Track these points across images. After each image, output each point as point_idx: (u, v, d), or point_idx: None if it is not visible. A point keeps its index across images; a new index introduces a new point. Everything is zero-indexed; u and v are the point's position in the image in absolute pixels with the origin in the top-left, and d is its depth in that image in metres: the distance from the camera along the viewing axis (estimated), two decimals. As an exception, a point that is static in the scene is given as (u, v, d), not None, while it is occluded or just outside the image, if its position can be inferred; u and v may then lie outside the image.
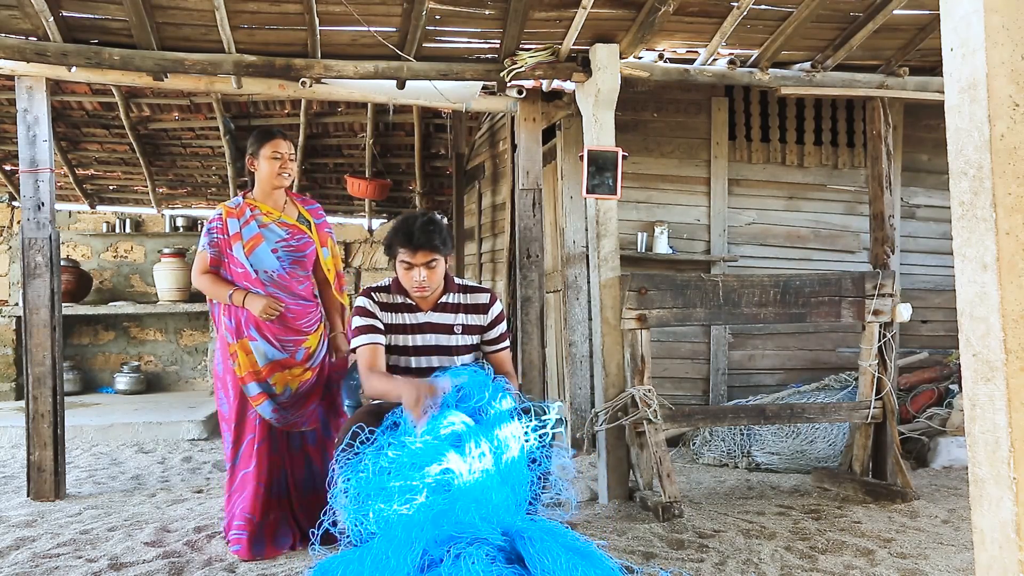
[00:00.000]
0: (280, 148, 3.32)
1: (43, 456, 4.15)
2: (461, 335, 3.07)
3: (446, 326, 3.06)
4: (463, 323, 3.07)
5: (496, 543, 2.24)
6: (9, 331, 7.84)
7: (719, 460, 4.96)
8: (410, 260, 2.90)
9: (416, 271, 2.91)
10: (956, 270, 1.49)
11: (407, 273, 2.93)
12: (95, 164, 7.69)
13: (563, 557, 2.19)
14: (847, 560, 3.06)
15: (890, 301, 4.16)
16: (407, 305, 3.05)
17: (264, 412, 3.24)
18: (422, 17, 3.84)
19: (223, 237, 3.29)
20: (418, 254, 2.88)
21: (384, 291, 3.08)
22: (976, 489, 1.46)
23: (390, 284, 3.08)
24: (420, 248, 2.87)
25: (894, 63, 4.57)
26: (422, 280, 2.92)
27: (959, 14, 1.44)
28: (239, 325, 3.26)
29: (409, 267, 2.91)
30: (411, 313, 3.05)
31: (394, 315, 3.04)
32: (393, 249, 2.95)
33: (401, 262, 2.93)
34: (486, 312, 3.10)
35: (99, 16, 3.87)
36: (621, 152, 4.13)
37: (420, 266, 2.90)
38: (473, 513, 2.26)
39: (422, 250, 2.88)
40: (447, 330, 3.06)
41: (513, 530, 2.29)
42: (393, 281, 3.08)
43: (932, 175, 6.04)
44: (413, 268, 2.91)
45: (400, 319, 3.04)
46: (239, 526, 3.19)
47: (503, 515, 2.33)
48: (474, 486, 2.36)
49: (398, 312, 3.04)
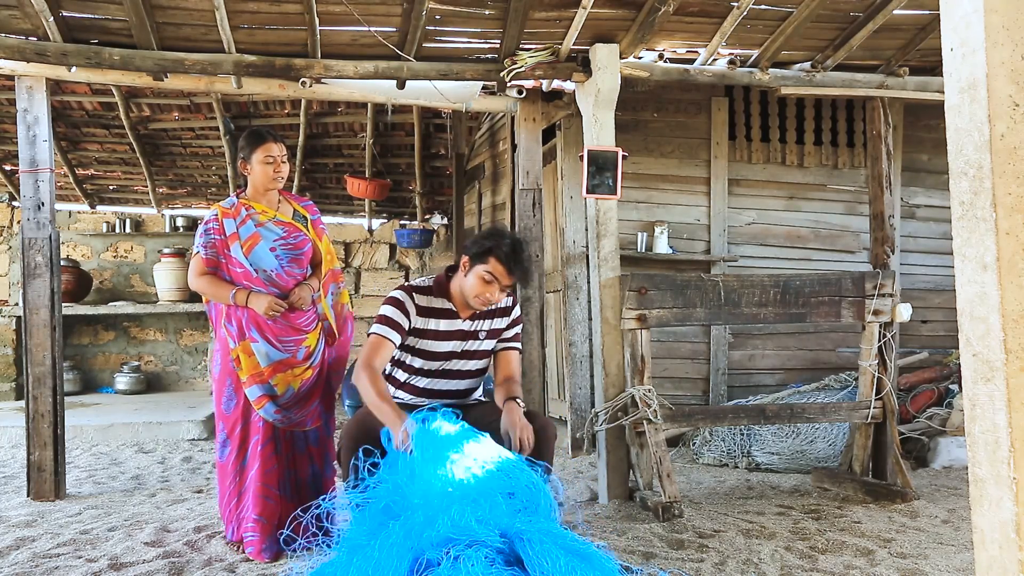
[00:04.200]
0: (272, 151, 3.28)
1: (43, 456, 4.15)
2: (485, 339, 3.11)
3: (474, 332, 3.10)
4: (488, 328, 3.12)
5: (495, 545, 2.23)
6: (9, 331, 7.84)
7: (719, 460, 4.96)
8: (500, 280, 2.92)
9: (497, 290, 2.94)
10: (956, 270, 1.49)
11: (487, 285, 2.93)
12: (95, 164, 7.69)
13: (562, 559, 2.18)
14: (847, 560, 3.06)
15: (890, 301, 4.16)
16: (446, 311, 3.06)
17: (267, 414, 3.23)
18: (422, 17, 3.84)
19: (220, 238, 3.27)
20: (510, 278, 2.93)
21: (425, 293, 3.06)
22: (976, 489, 1.46)
23: (432, 286, 3.08)
24: (515, 277, 2.93)
25: (894, 63, 4.57)
26: (495, 298, 2.96)
27: (959, 14, 1.44)
28: (240, 327, 3.24)
29: (492, 282, 2.92)
30: (448, 319, 3.06)
31: (428, 320, 3.04)
32: (482, 259, 2.93)
33: (486, 272, 2.92)
34: (508, 315, 3.16)
35: (99, 16, 3.87)
36: (621, 152, 4.13)
37: (504, 288, 2.95)
38: (470, 516, 2.25)
39: (516, 279, 2.94)
40: (474, 336, 3.10)
41: (512, 532, 2.28)
42: (435, 283, 3.08)
43: (932, 175, 6.05)
44: (495, 284, 2.93)
45: (433, 325, 3.05)
46: (251, 528, 3.18)
47: (501, 516, 2.32)
48: (471, 486, 2.35)
49: (434, 317, 3.05)
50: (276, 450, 3.26)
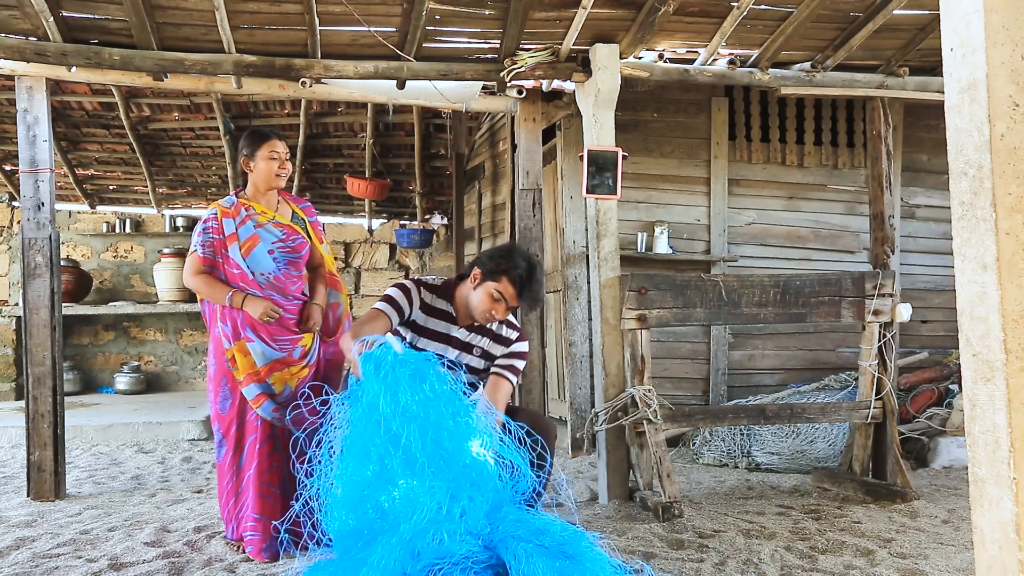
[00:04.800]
0: (277, 148, 3.30)
1: (43, 456, 4.15)
2: (478, 357, 3.11)
3: (468, 345, 3.10)
4: (484, 348, 3.11)
5: (480, 559, 2.15)
6: (9, 331, 7.84)
7: (719, 460, 4.96)
8: (508, 300, 2.93)
9: (503, 308, 2.95)
10: (956, 270, 1.49)
11: (494, 303, 2.93)
12: (95, 164, 7.69)
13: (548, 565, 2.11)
14: (847, 560, 3.06)
15: (890, 301, 4.16)
16: (447, 314, 3.07)
17: (265, 413, 3.24)
18: (422, 17, 3.84)
19: (218, 237, 3.27)
20: (519, 302, 2.94)
21: (433, 291, 3.08)
22: (976, 489, 1.46)
23: (440, 286, 3.09)
24: (524, 301, 2.95)
25: (894, 63, 4.57)
26: (500, 316, 2.97)
27: (959, 14, 1.44)
28: (235, 327, 3.24)
29: (500, 301, 2.93)
30: (446, 323, 3.07)
31: (430, 319, 3.05)
32: (494, 276, 2.93)
33: (496, 291, 2.92)
34: (507, 346, 3.13)
35: (99, 16, 3.87)
36: (621, 152, 4.13)
37: (510, 307, 2.96)
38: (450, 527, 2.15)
39: (523, 303, 2.96)
40: (468, 349, 3.10)
41: (496, 539, 2.21)
42: (444, 284, 3.09)
43: (932, 175, 6.05)
44: (503, 304, 2.93)
45: (433, 325, 3.06)
46: (251, 527, 3.18)
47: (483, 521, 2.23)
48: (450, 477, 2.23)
49: (435, 317, 3.06)
50: (275, 448, 3.26)
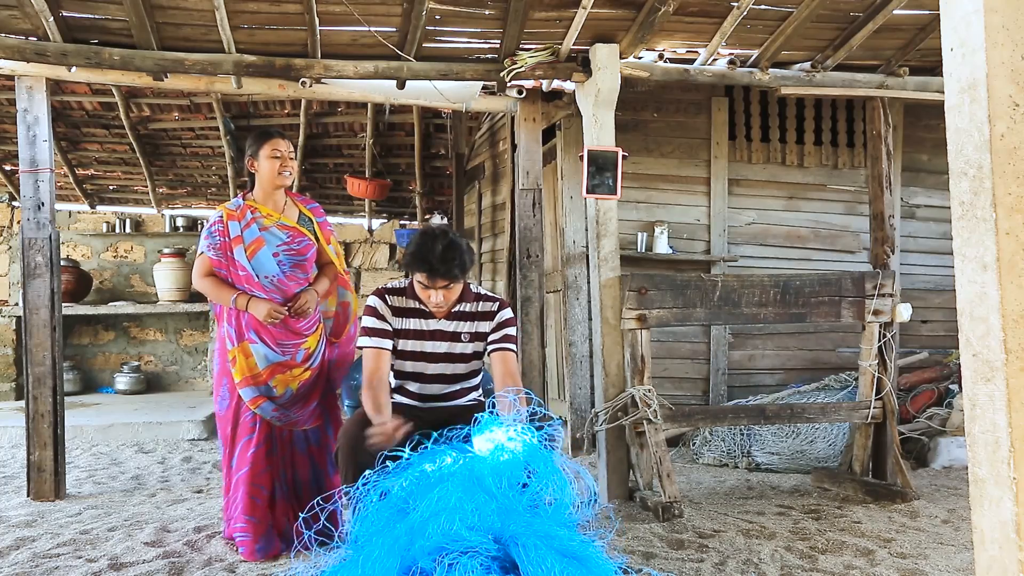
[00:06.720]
0: (280, 147, 3.31)
1: (43, 456, 4.15)
2: (468, 343, 3.08)
3: (455, 334, 3.07)
4: (471, 331, 3.08)
5: (490, 552, 2.18)
6: (9, 331, 7.84)
7: (719, 460, 4.96)
8: (428, 284, 2.90)
9: (434, 293, 2.91)
10: (956, 270, 1.49)
11: (424, 292, 2.93)
12: (95, 164, 7.69)
13: (558, 565, 2.15)
14: (847, 560, 3.06)
15: (890, 301, 4.16)
16: (420, 311, 3.05)
17: (264, 412, 3.24)
18: (422, 17, 3.84)
19: (224, 240, 3.27)
20: (440, 279, 2.87)
21: (398, 294, 3.06)
22: (976, 489, 1.46)
23: (405, 288, 3.07)
24: (439, 278, 2.86)
25: (894, 63, 4.57)
26: (439, 301, 2.93)
27: (959, 14, 1.44)
28: (240, 328, 3.25)
29: (427, 288, 2.91)
30: (423, 319, 3.05)
31: (405, 320, 3.04)
32: (411, 269, 2.93)
33: (419, 282, 2.92)
34: (492, 319, 3.08)
35: (99, 16, 3.87)
36: (621, 152, 4.13)
37: (439, 289, 2.90)
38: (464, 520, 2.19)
39: (441, 279, 2.87)
40: (455, 338, 3.07)
41: (506, 536, 2.24)
42: (409, 285, 3.07)
43: (932, 175, 6.04)
44: (431, 290, 2.91)
45: (411, 324, 3.05)
46: (241, 528, 3.19)
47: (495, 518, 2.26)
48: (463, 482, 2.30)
49: (410, 317, 3.05)
50: (271, 451, 3.27)
